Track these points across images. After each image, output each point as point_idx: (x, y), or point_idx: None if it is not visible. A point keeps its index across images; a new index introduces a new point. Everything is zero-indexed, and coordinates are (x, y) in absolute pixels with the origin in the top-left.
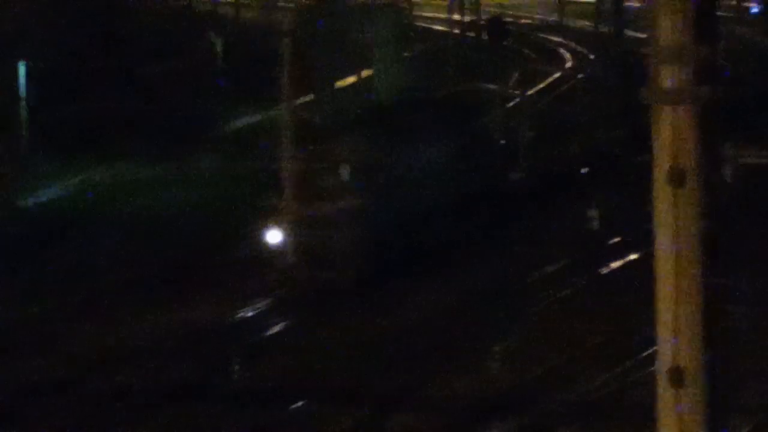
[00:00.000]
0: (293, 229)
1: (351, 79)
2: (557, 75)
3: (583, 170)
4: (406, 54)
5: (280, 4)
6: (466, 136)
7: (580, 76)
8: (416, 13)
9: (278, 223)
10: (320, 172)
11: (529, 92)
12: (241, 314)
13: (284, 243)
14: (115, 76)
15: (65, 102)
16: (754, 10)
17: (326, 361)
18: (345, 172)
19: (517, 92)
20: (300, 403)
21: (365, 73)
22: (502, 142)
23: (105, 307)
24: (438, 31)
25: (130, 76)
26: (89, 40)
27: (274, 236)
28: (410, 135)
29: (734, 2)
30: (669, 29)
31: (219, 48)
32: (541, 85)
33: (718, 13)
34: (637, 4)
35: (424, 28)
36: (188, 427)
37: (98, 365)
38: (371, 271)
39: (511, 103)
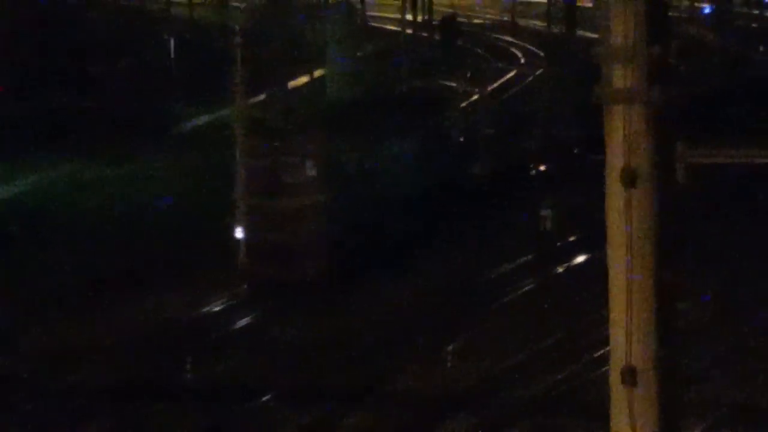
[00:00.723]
0: (251, 225)
1: (304, 79)
2: (510, 74)
3: (540, 168)
4: (359, 53)
5: (233, 3)
6: (422, 133)
7: (533, 75)
8: (369, 13)
9: (236, 220)
10: (277, 169)
11: (483, 91)
12: (199, 311)
13: (243, 239)
14: (68, 75)
15: (17, 100)
16: (706, 10)
17: (285, 358)
18: (303, 168)
19: (471, 90)
20: (261, 400)
21: (318, 72)
22: (461, 139)
23: (61, 306)
24: (391, 30)
25: (83, 75)
26: (41, 38)
27: (232, 232)
28: (366, 132)
29: (687, 2)
30: (621, 29)
31: (172, 47)
32: (495, 85)
33: (670, 14)
34: (589, 5)
35: (376, 27)
36: (148, 424)
37: (55, 363)
38: (330, 267)
39: (465, 102)
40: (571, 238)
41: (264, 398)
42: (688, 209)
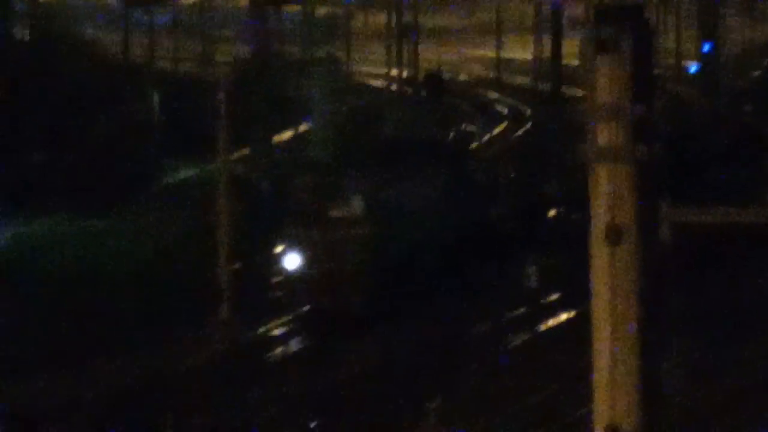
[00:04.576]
0: (300, 256)
1: (289, 134)
2: (495, 132)
3: (515, 227)
4: (343, 109)
5: (218, 58)
6: (443, 176)
7: (517, 133)
8: (353, 69)
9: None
10: (326, 203)
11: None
12: (175, 370)
13: (289, 270)
14: (50, 130)
15: None
16: (692, 68)
17: (255, 418)
18: (349, 203)
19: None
20: None
21: (303, 127)
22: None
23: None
24: (375, 86)
25: (65, 130)
26: (21, 91)
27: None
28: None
29: (672, 61)
30: (607, 88)
31: (155, 102)
32: (475, 144)
33: (655, 72)
34: (575, 62)
35: (361, 83)
36: None
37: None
38: (368, 299)
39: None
40: (555, 296)
41: None
42: (671, 267)
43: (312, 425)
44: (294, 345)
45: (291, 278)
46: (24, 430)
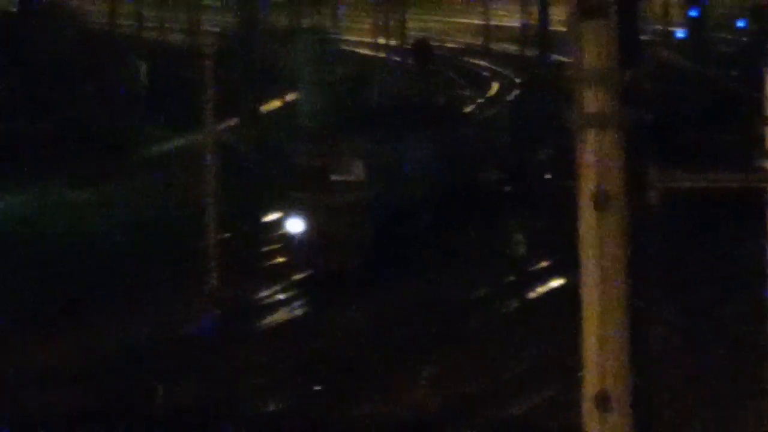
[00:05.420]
0: (303, 219)
1: (276, 103)
2: (486, 97)
3: (507, 189)
4: (331, 78)
5: (204, 27)
6: (441, 139)
7: (506, 99)
8: (341, 37)
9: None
10: (327, 168)
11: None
12: (155, 339)
13: (293, 232)
14: (35, 100)
15: None
16: (679, 34)
17: (243, 385)
18: (350, 168)
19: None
20: (220, 428)
21: (290, 96)
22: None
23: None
24: (363, 54)
25: (50, 100)
26: (5, 60)
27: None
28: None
29: (659, 26)
30: (593, 53)
31: (142, 71)
32: (468, 109)
33: (643, 38)
34: (562, 29)
35: (349, 51)
36: None
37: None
38: (369, 260)
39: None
40: (549, 261)
41: (225, 425)
42: (659, 233)
43: (311, 390)
44: (293, 310)
45: (291, 244)
46: None
